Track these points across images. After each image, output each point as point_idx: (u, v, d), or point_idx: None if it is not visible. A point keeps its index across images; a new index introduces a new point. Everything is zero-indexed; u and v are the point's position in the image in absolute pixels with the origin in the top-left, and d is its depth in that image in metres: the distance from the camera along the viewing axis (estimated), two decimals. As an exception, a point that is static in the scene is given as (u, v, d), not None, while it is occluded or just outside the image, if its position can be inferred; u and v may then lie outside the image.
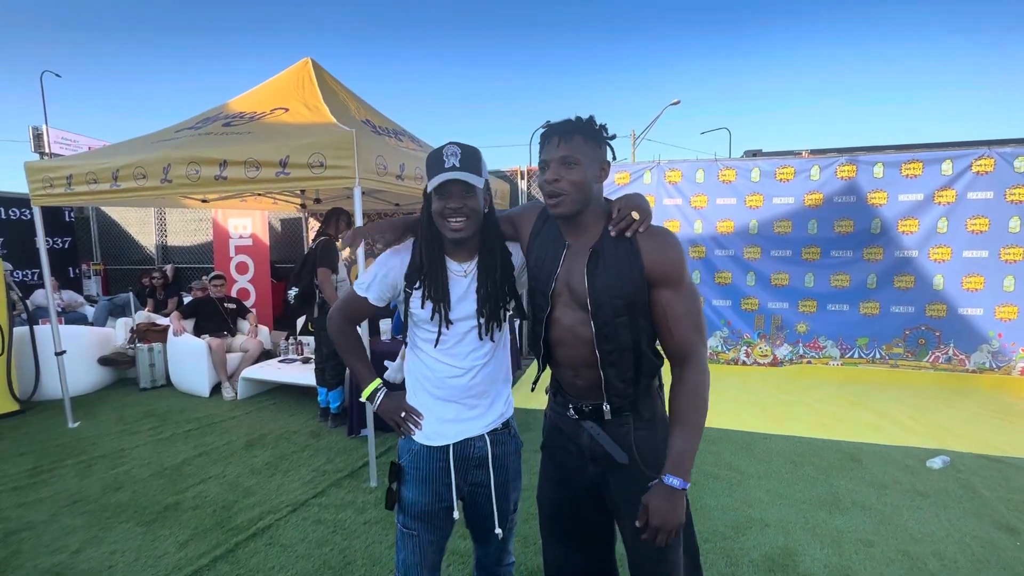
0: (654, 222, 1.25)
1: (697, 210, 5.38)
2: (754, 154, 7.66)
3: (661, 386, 1.35)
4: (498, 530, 1.41)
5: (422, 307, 1.32)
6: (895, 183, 4.87)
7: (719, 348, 5.46)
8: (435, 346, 1.34)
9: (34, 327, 4.41)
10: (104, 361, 4.93)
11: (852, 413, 4.11)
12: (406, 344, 1.45)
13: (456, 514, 1.38)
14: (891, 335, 5.01)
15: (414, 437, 1.39)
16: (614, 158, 1.27)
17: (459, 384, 1.36)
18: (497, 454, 1.41)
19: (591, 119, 1.21)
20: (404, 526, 1.39)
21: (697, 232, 5.41)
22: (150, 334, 5.01)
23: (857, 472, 3.08)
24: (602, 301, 1.20)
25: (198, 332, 4.88)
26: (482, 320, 1.34)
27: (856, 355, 5.12)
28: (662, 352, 1.28)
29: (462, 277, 1.34)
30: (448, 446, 1.37)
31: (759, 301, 5.32)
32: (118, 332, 5.26)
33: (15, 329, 4.36)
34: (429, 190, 1.26)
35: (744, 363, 5.39)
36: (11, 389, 4.19)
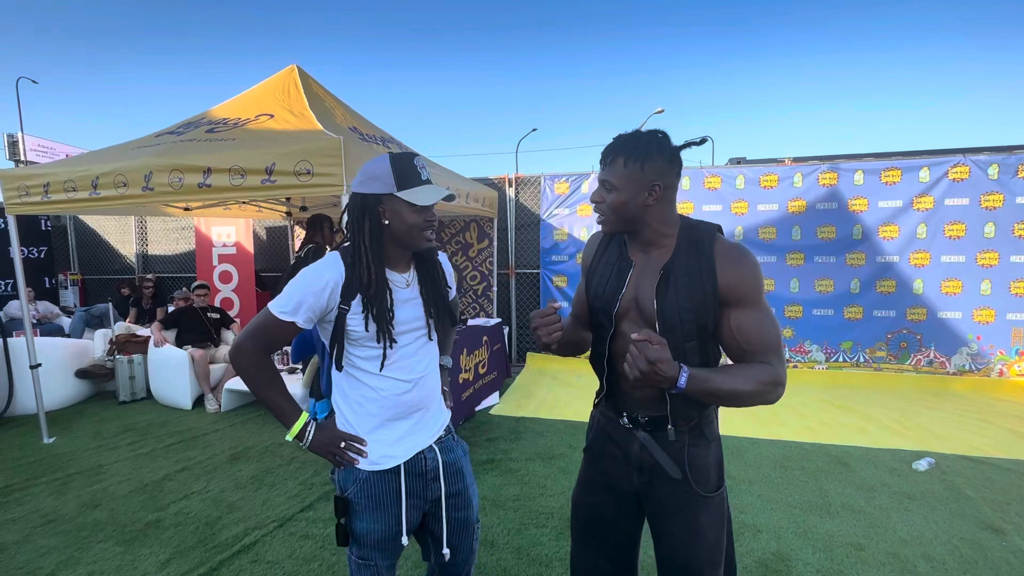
0: None
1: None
2: (738, 162, 7.79)
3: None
4: (446, 551, 1.36)
5: (366, 329, 1.23)
6: (875, 190, 4.98)
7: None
8: (380, 369, 1.27)
9: (8, 339, 4.26)
10: (81, 374, 4.78)
11: (838, 417, 4.16)
12: (323, 365, 1.38)
13: (404, 540, 1.30)
14: (874, 339, 5.10)
15: (359, 465, 1.28)
16: (679, 170, 1.20)
17: (409, 399, 1.30)
18: (448, 461, 1.37)
19: (640, 136, 1.16)
20: (360, 558, 1.30)
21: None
22: (130, 345, 4.88)
23: (845, 475, 3.11)
24: (672, 323, 1.16)
25: (180, 343, 4.77)
26: (431, 320, 1.33)
27: (841, 359, 5.19)
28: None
29: (403, 288, 1.30)
30: (399, 466, 1.29)
31: (745, 306, 5.37)
32: (96, 343, 5.11)
33: (-13, 342, 4.22)
34: (418, 203, 1.20)
35: (732, 368, 5.43)
36: (-18, 404, 4.04)
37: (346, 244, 1.28)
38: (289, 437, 1.26)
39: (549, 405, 4.38)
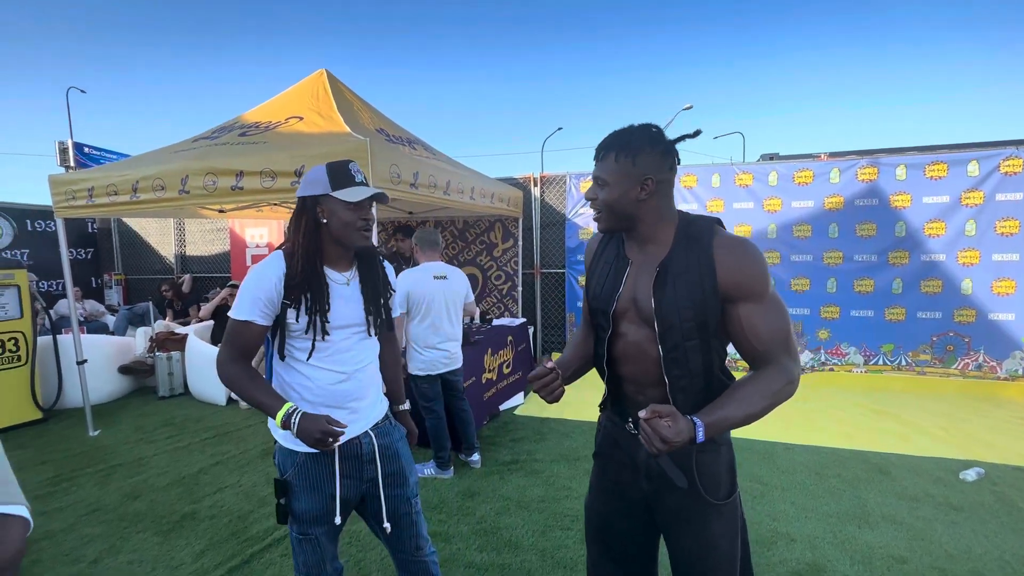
0: None
1: (714, 215, 5.30)
2: (771, 158, 7.55)
3: None
4: (387, 524, 1.46)
5: (297, 320, 1.34)
6: (919, 185, 4.75)
7: (738, 355, 5.35)
8: (308, 358, 1.37)
9: (57, 336, 4.49)
10: (124, 370, 5.00)
11: (878, 422, 3.99)
12: (267, 354, 1.46)
13: (338, 520, 1.40)
14: (918, 341, 4.86)
15: (296, 448, 1.37)
16: (673, 164, 1.16)
17: (342, 389, 1.40)
18: (383, 444, 1.47)
19: (632, 131, 1.15)
20: (300, 533, 1.41)
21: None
22: (168, 343, 5.07)
23: (886, 484, 2.97)
24: (671, 322, 1.13)
25: (215, 340, 4.93)
26: (370, 318, 1.43)
27: (881, 362, 4.97)
28: (733, 374, 1.23)
29: (344, 285, 1.41)
30: (334, 450, 1.37)
31: (778, 307, 5.21)
32: (138, 341, 5.34)
33: (39, 339, 4.45)
34: (349, 200, 1.32)
35: (764, 370, 5.27)
36: (35, 398, 4.27)
37: (286, 243, 1.40)
38: (276, 423, 1.30)
39: (574, 406, 4.30)
